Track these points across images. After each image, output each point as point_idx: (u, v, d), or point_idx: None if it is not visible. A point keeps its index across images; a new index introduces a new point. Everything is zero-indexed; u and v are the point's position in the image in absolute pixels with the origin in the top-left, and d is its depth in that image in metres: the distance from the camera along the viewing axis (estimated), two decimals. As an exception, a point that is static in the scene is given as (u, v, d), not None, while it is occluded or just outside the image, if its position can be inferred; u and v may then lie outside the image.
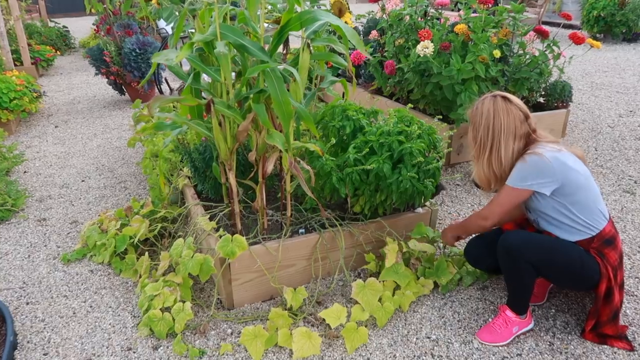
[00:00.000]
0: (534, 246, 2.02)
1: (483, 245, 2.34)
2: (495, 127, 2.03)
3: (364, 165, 2.37)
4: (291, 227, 2.58)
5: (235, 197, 2.40)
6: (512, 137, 2.03)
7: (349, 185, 2.45)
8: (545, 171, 1.97)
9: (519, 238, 2.04)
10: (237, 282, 2.42)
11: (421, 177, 2.42)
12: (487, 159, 2.08)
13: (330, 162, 2.43)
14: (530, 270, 2.04)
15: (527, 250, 2.01)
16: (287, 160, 2.15)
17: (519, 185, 2.03)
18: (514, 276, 2.09)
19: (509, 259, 2.06)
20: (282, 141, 2.08)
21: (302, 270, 2.56)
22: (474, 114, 2.11)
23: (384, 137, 2.40)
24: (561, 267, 2.02)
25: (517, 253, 2.02)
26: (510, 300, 2.19)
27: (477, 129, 2.08)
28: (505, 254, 2.06)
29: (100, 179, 4.08)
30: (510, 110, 2.03)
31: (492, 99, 2.07)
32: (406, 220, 2.71)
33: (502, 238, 2.08)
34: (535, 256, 2.01)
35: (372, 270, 2.54)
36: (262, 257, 2.42)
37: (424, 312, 2.40)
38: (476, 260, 2.37)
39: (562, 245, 2.03)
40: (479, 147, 2.09)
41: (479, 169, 2.13)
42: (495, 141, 2.04)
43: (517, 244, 2.02)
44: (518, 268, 2.04)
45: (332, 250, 2.57)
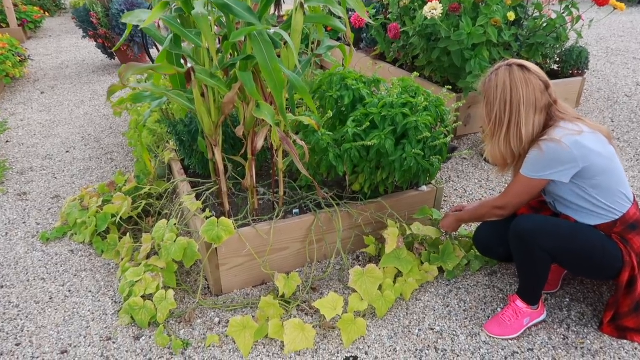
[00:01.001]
0: (550, 232, 1.81)
1: (494, 232, 2.13)
2: (513, 101, 1.79)
3: (364, 141, 2.14)
4: (284, 207, 2.38)
5: (222, 175, 2.18)
6: (532, 110, 1.80)
7: (347, 163, 2.23)
8: (563, 159, 1.75)
9: (533, 223, 1.84)
10: (225, 267, 2.23)
11: (427, 154, 2.19)
12: (505, 137, 1.85)
13: (327, 137, 2.20)
14: (545, 258, 1.84)
15: (542, 237, 1.81)
16: (278, 136, 1.92)
17: (534, 176, 1.83)
18: (526, 264, 1.90)
19: (521, 246, 1.86)
20: (271, 115, 1.84)
21: (296, 253, 2.37)
22: (487, 87, 1.86)
23: (387, 110, 2.16)
24: (580, 254, 1.82)
25: (530, 239, 1.81)
26: (522, 289, 2.00)
27: (492, 104, 1.84)
28: (518, 240, 1.86)
29: (86, 149, 3.86)
30: (529, 80, 1.79)
31: (508, 68, 1.82)
32: (409, 199, 2.50)
33: (514, 223, 1.88)
34: (551, 243, 1.81)
35: (371, 254, 2.35)
36: (252, 241, 2.22)
37: (428, 300, 2.22)
38: (487, 248, 2.17)
39: (581, 230, 1.83)
40: (495, 124, 1.85)
41: (494, 148, 1.90)
42: (513, 116, 1.81)
43: (531, 229, 1.82)
44: (531, 256, 1.84)
45: (329, 232, 2.38)
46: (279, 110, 1.87)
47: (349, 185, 2.47)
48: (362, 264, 2.45)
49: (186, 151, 2.68)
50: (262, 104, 1.86)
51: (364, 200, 2.42)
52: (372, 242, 2.36)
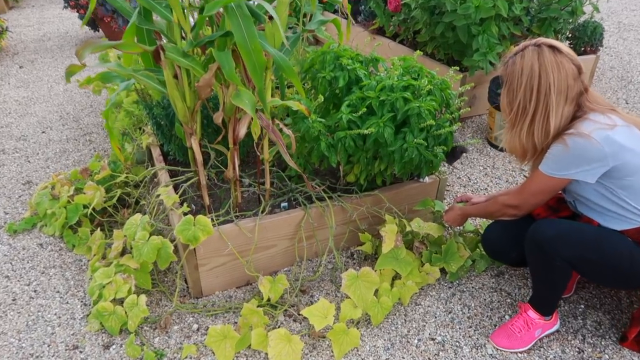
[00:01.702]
0: (574, 240, 1.59)
1: (506, 234, 1.90)
2: (541, 88, 1.54)
3: (359, 130, 1.90)
4: (271, 201, 2.15)
5: (201, 167, 1.94)
6: (563, 99, 1.55)
7: (341, 153, 2.00)
8: (592, 157, 1.52)
9: (555, 229, 1.61)
10: (205, 267, 2.01)
11: (430, 144, 1.95)
12: (528, 129, 1.60)
13: (319, 124, 1.96)
14: (565, 268, 1.63)
15: (565, 246, 1.59)
16: (259, 126, 1.68)
17: (556, 175, 1.59)
18: (543, 274, 1.69)
19: (539, 255, 1.64)
20: (252, 103, 1.60)
21: (283, 251, 2.15)
22: (510, 70, 1.61)
23: (386, 94, 1.91)
24: (605, 264, 1.60)
25: (551, 249, 1.59)
26: (535, 299, 1.79)
27: (516, 91, 1.59)
28: (536, 249, 1.64)
29: (63, 130, 3.60)
30: (562, 64, 1.54)
31: (536, 49, 1.57)
32: (409, 191, 2.28)
33: (533, 229, 1.65)
34: (574, 252, 1.59)
35: (367, 252, 2.13)
36: (235, 239, 2.00)
37: (428, 305, 2.01)
38: (497, 252, 1.95)
39: (607, 238, 1.61)
40: (517, 113, 1.61)
41: (513, 139, 1.66)
42: (540, 106, 1.56)
43: (552, 237, 1.60)
44: (551, 266, 1.63)
45: (320, 228, 2.16)
46: (259, 96, 1.62)
47: (343, 176, 2.24)
48: (356, 262, 2.24)
49: (164, 136, 2.43)
50: (242, 90, 1.62)
51: (359, 192, 2.19)
52: (368, 239, 2.14)
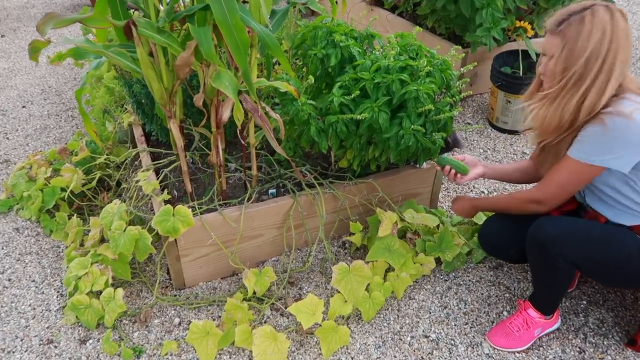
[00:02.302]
0: (578, 240, 1.47)
1: (505, 228, 1.78)
2: (609, 56, 1.35)
3: (352, 115, 1.76)
4: (258, 188, 2.02)
5: (181, 152, 1.81)
6: (622, 71, 1.37)
7: (332, 138, 1.86)
8: (632, 141, 1.36)
9: (558, 228, 1.49)
10: (188, 258, 1.90)
11: (429, 130, 1.82)
12: (577, 101, 1.39)
13: (308, 107, 1.82)
14: (569, 269, 1.52)
15: (569, 246, 1.47)
16: (242, 111, 1.53)
17: (591, 161, 1.41)
18: (545, 274, 1.58)
19: (541, 255, 1.53)
20: (233, 85, 1.45)
21: (271, 240, 2.04)
22: (574, 31, 1.37)
23: (381, 76, 1.77)
24: (612, 264, 1.49)
25: (555, 249, 1.48)
26: (536, 298, 1.69)
27: (577, 53, 1.36)
28: (538, 248, 1.52)
29: (45, 104, 3.44)
30: (629, 35, 1.37)
31: (608, 12, 1.36)
32: (405, 177, 2.15)
33: (534, 227, 1.53)
34: (578, 253, 1.48)
35: (357, 244, 2.02)
36: (219, 229, 1.88)
37: (423, 299, 1.92)
38: (496, 248, 1.84)
39: (615, 236, 1.49)
40: (569, 82, 1.39)
41: (553, 113, 1.43)
42: (601, 76, 1.36)
43: (555, 237, 1.48)
44: (553, 267, 1.52)
45: (310, 216, 2.04)
46: (243, 77, 1.47)
47: (335, 161, 2.11)
48: (347, 252, 2.13)
49: (146, 116, 2.29)
50: (222, 71, 1.47)
51: (353, 178, 2.06)
52: (359, 230, 2.02)
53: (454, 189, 2.49)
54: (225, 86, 1.43)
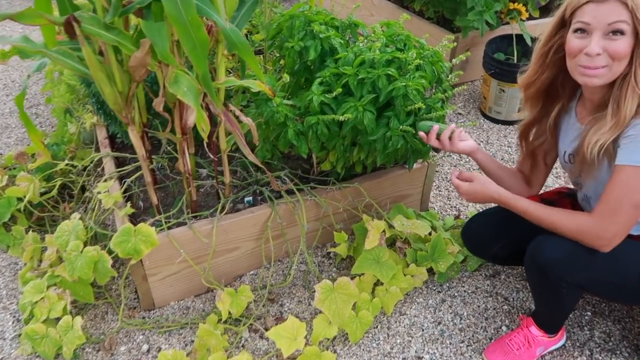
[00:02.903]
0: (582, 263, 1.30)
1: (490, 224, 1.63)
2: None
3: (334, 115, 1.57)
4: (232, 197, 1.84)
5: (144, 162, 1.61)
6: None
7: (312, 141, 1.68)
8: None
9: (559, 251, 1.31)
10: (156, 277, 1.72)
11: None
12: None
13: (285, 108, 1.63)
14: (574, 291, 1.37)
15: (572, 270, 1.31)
16: (206, 120, 1.34)
17: None
18: (548, 297, 1.43)
19: (542, 279, 1.36)
20: (193, 91, 1.26)
21: (249, 253, 1.86)
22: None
23: (366, 71, 1.58)
24: (621, 283, 1.34)
25: (557, 273, 1.31)
26: (539, 316, 1.54)
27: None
28: (538, 272, 1.36)
29: (7, 101, 3.19)
30: None
31: None
32: (394, 179, 1.98)
33: (533, 248, 1.36)
34: (583, 275, 1.32)
35: (342, 255, 1.85)
36: (190, 244, 1.70)
37: (414, 314, 1.76)
38: (480, 247, 1.67)
39: (622, 253, 1.32)
40: None
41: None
42: None
43: (557, 261, 1.31)
44: (557, 291, 1.36)
45: (290, 225, 1.86)
46: (202, 82, 1.28)
47: (316, 163, 1.93)
48: (332, 262, 1.96)
49: (108, 116, 2.08)
50: (180, 75, 1.27)
51: (336, 183, 1.89)
52: (344, 240, 1.85)
53: (446, 187, 2.33)
54: (184, 92, 1.24)
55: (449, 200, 2.24)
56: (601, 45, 1.19)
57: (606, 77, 1.24)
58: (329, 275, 1.91)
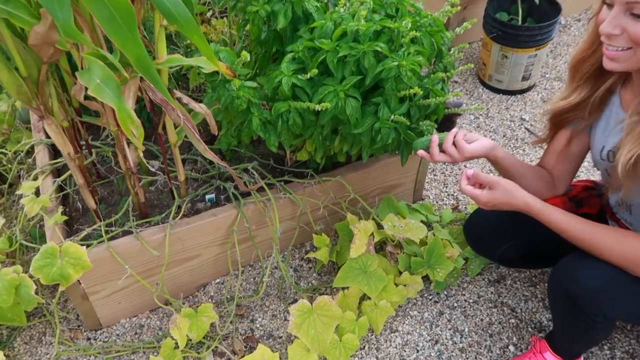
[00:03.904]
0: (622, 294, 1.04)
1: (500, 222, 1.36)
2: None
3: (309, 103, 1.25)
4: (189, 196, 1.53)
5: (70, 162, 1.29)
6: None
7: (283, 133, 1.36)
8: None
9: (601, 282, 1.04)
10: (99, 295, 1.44)
11: (414, 118, 1.33)
12: None
13: (247, 91, 1.30)
14: (608, 325, 1.12)
15: (616, 304, 1.05)
16: (133, 119, 1.01)
17: None
18: (577, 329, 1.17)
19: (574, 311, 1.10)
20: (110, 83, 0.93)
21: (212, 261, 1.58)
22: None
23: (348, 46, 1.24)
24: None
25: (594, 307, 1.05)
26: (558, 343, 1.29)
27: None
28: (567, 302, 1.10)
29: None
30: None
31: None
32: (383, 168, 1.69)
33: (563, 273, 1.10)
34: (624, 307, 1.07)
35: (323, 261, 1.57)
36: (138, 256, 1.41)
37: (408, 331, 1.51)
38: (484, 244, 1.43)
39: None
40: None
41: None
42: None
43: (599, 293, 1.04)
44: (589, 325, 1.10)
45: (261, 227, 1.58)
46: (136, 63, 0.94)
47: (290, 153, 1.62)
48: (312, 267, 1.69)
49: (40, 96, 1.72)
50: (90, 61, 0.93)
51: (315, 176, 1.59)
52: (324, 244, 1.57)
53: (442, 171, 2.04)
54: (97, 86, 0.91)
55: (446, 186, 1.96)
56: (619, 24, 0.95)
57: (629, 62, 0.99)
58: (309, 283, 1.64)
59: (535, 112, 2.28)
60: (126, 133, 0.98)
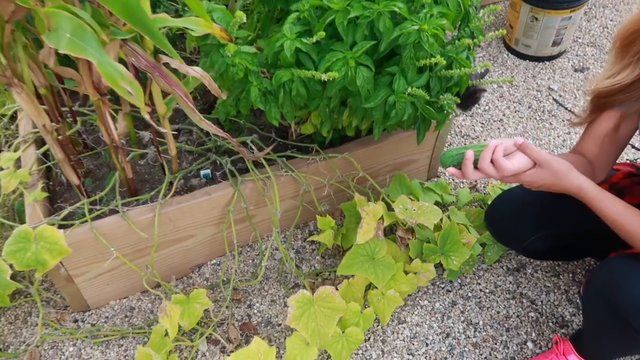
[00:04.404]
0: None
1: (528, 210, 1.22)
2: None
3: (314, 71, 1.09)
4: (181, 173, 1.40)
5: (47, 134, 1.15)
6: None
7: (285, 104, 1.21)
8: None
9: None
10: (84, 277, 1.33)
11: (434, 91, 1.17)
12: None
13: (243, 58, 1.13)
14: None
15: None
16: (118, 82, 0.86)
17: None
18: (613, 339, 1.04)
19: (615, 321, 0.96)
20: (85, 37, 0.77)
21: (208, 241, 1.46)
22: None
23: (360, 6, 1.07)
24: None
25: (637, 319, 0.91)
26: (588, 347, 1.17)
27: None
28: (611, 314, 0.96)
29: None
30: None
31: None
32: (396, 144, 1.54)
33: (608, 280, 0.95)
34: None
35: (327, 244, 1.44)
36: (126, 237, 1.29)
37: (417, 322, 1.40)
38: (508, 235, 1.29)
39: None
40: None
41: None
42: None
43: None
44: (632, 338, 0.97)
45: (260, 206, 1.45)
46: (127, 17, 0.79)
47: (294, 124, 1.47)
48: (316, 248, 1.57)
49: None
50: (56, 14, 0.78)
51: (321, 152, 1.44)
52: (330, 227, 1.43)
53: (460, 143, 1.88)
54: (68, 41, 0.76)
55: (463, 163, 1.80)
56: None
57: None
58: (311, 266, 1.52)
59: (565, 82, 2.09)
60: (120, 93, 0.83)
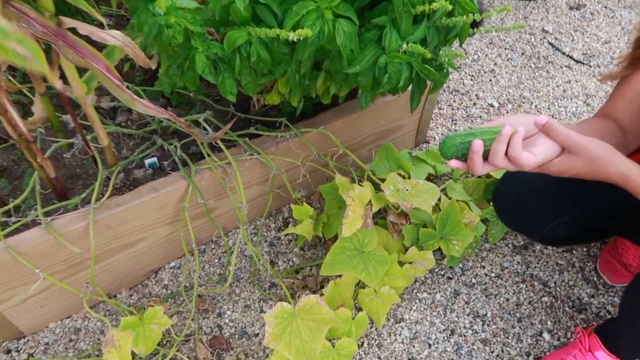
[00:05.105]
0: None
1: (546, 195, 1.00)
2: None
3: (278, 29, 0.82)
4: (121, 164, 1.12)
5: None
6: None
7: (244, 73, 0.93)
8: None
9: None
10: (9, 303, 1.08)
11: (431, 45, 0.92)
12: None
13: (181, 15, 0.85)
14: None
15: None
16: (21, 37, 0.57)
17: None
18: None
19: None
20: None
21: (162, 243, 1.21)
22: None
23: (335, -64, 0.79)
24: None
25: None
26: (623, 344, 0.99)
27: None
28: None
29: None
30: None
31: None
32: (380, 109, 1.30)
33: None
34: None
35: (306, 237, 1.21)
36: (55, 253, 1.03)
37: (416, 320, 1.20)
38: (523, 222, 1.07)
39: None
40: None
41: None
42: None
43: None
44: None
45: (222, 197, 1.20)
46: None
47: (256, 100, 1.20)
48: (293, 240, 1.33)
49: None
50: None
51: (290, 126, 1.18)
52: (307, 215, 1.20)
53: (448, 103, 1.65)
54: None
55: (454, 123, 1.58)
56: None
57: None
58: (289, 261, 1.30)
59: (560, 22, 1.86)
60: (11, 59, 0.55)
